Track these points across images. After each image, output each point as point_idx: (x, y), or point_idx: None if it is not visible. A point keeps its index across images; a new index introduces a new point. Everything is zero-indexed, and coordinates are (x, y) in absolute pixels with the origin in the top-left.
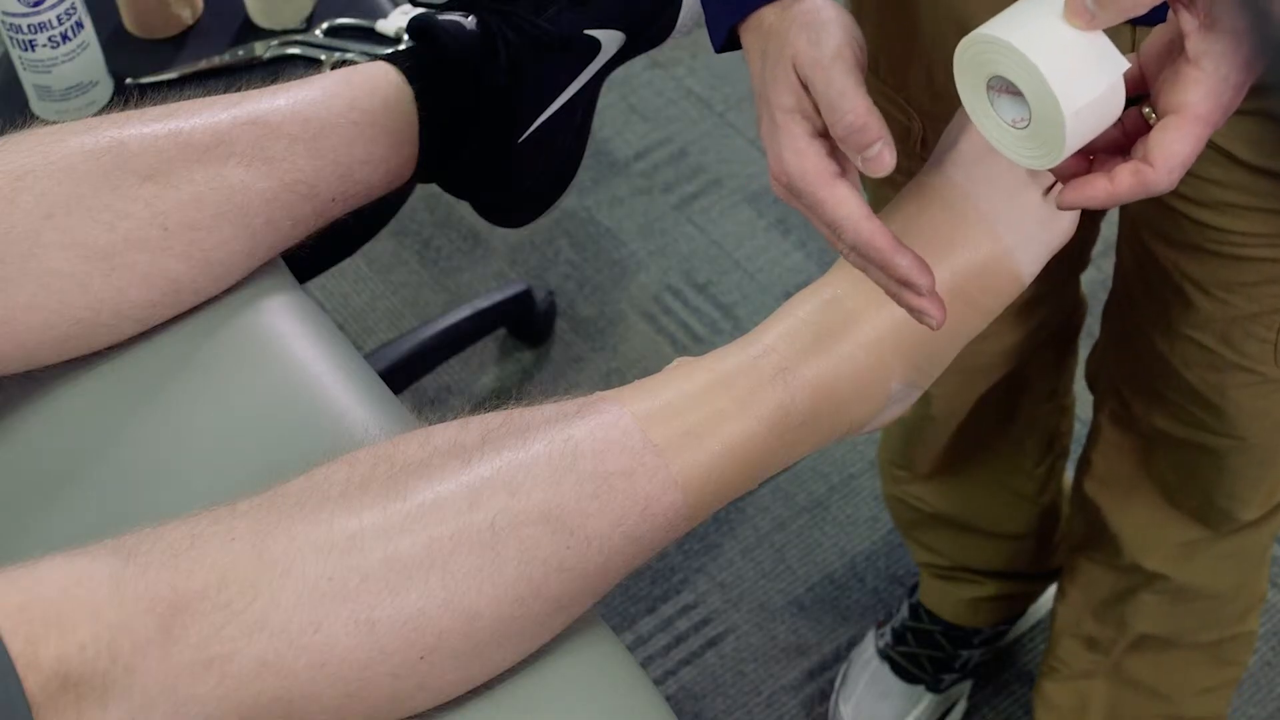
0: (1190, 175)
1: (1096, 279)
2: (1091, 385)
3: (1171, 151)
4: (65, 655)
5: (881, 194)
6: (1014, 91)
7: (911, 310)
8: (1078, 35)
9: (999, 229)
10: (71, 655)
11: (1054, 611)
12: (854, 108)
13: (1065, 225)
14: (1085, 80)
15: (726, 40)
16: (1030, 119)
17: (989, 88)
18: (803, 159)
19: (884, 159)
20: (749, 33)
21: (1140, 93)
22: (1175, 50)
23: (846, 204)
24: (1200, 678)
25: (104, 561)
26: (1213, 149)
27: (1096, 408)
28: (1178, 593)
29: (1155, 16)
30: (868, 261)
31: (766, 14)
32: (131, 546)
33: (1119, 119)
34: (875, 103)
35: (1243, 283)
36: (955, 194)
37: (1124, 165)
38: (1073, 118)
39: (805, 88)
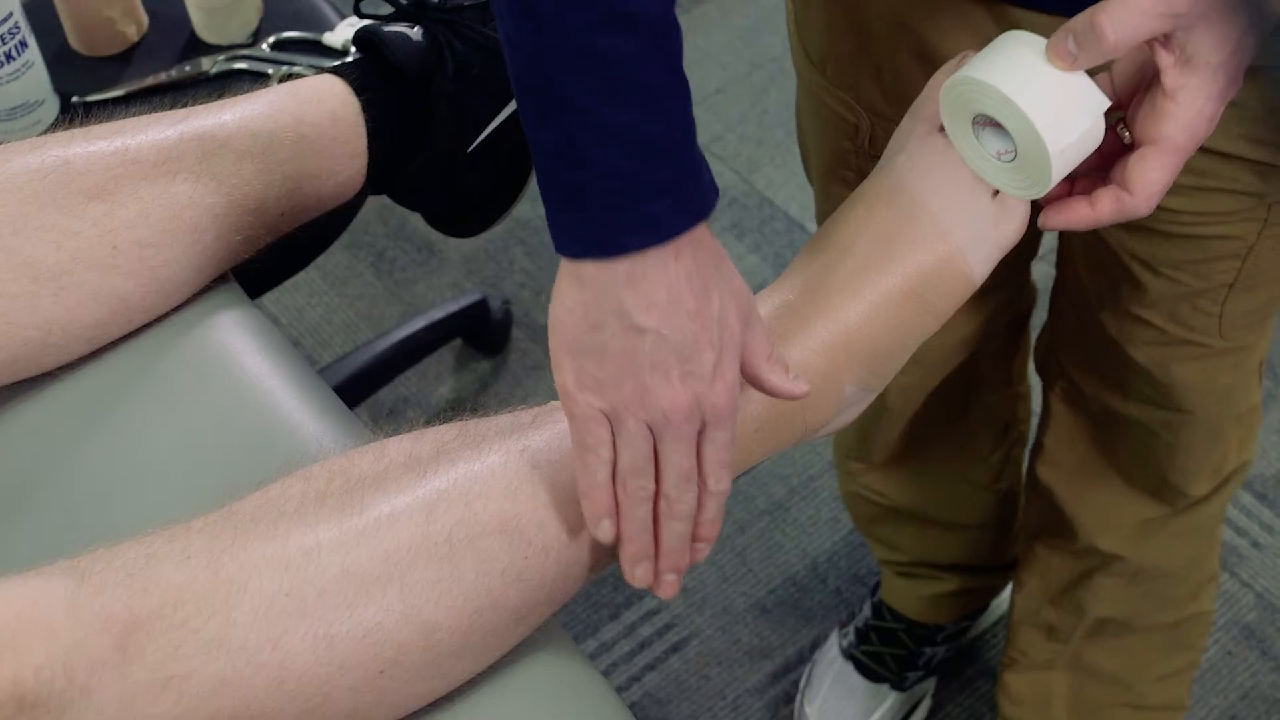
0: None
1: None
2: (1040, 369)
3: (1149, 180)
4: (20, 677)
5: (835, 191)
6: (997, 124)
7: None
8: (1060, 76)
9: (949, 230)
10: (27, 677)
11: (1011, 602)
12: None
13: (1016, 225)
14: (1069, 121)
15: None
16: (1016, 153)
17: (973, 122)
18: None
19: None
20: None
21: (1113, 108)
22: (1147, 73)
23: None
24: (1159, 663)
25: (58, 582)
26: None
27: (1046, 390)
28: (1134, 574)
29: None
30: None
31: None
32: (86, 567)
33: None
34: (823, 102)
35: (1191, 260)
36: (905, 196)
37: (1104, 191)
38: (1058, 156)
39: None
